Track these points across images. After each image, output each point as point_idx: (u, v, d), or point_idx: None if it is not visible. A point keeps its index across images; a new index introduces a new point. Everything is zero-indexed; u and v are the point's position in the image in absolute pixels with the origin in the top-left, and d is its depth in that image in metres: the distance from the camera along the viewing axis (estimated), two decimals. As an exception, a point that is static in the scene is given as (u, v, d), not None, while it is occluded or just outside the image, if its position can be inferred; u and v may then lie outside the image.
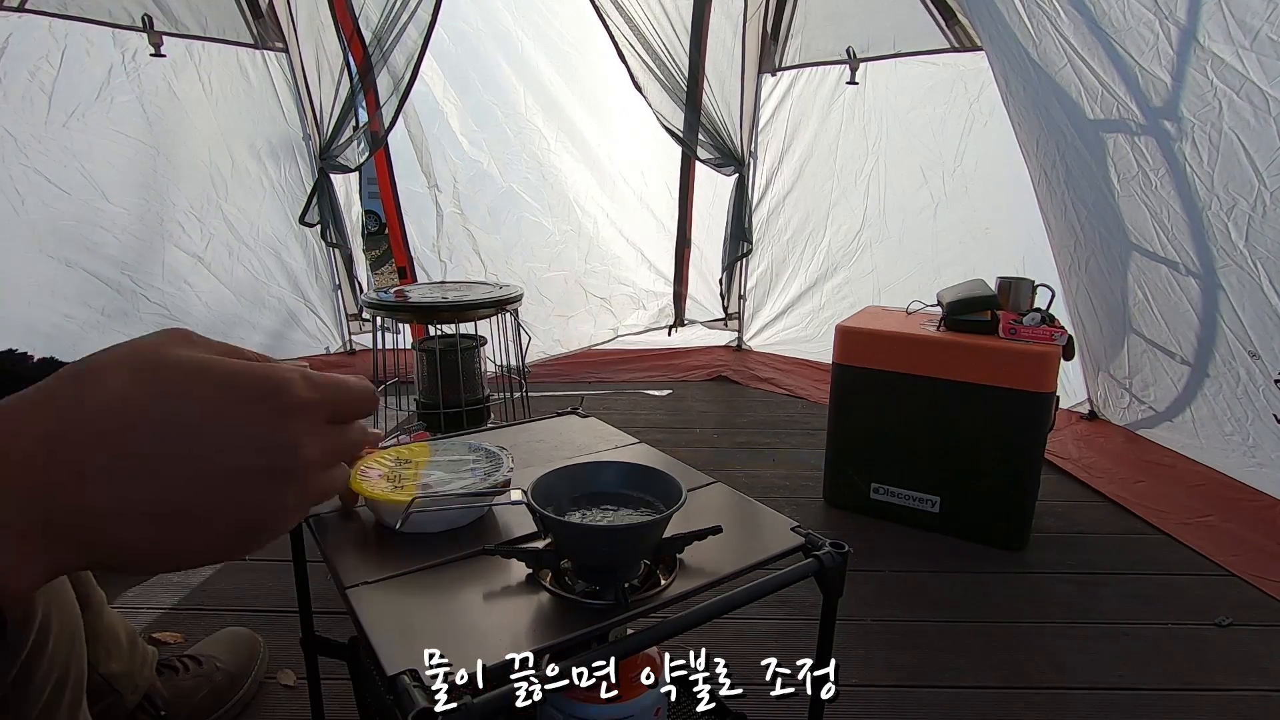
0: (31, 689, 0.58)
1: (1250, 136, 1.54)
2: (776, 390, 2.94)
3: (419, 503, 0.69)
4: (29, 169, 2.36)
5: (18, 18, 2.27)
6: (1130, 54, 1.66)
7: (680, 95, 2.95)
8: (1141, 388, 2.20)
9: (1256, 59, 1.46)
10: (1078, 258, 2.20)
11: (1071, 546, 1.74)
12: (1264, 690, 1.26)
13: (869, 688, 1.24)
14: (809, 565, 0.68)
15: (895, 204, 2.89)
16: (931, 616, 1.46)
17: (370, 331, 3.08)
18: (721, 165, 3.07)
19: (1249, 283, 1.68)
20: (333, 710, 1.09)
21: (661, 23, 2.86)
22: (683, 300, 3.47)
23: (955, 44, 2.58)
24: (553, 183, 3.23)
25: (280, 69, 2.89)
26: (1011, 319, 1.70)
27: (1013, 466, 1.69)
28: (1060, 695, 1.24)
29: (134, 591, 1.49)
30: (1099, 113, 1.83)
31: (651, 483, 0.69)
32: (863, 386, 1.83)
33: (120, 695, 1.01)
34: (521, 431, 1.06)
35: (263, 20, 2.79)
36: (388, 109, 2.81)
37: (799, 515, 0.90)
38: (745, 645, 1.34)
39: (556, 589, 0.63)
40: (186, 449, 0.30)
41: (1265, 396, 1.76)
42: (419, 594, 0.63)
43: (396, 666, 0.51)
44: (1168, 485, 2.00)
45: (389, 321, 2.01)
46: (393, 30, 2.71)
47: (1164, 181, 1.77)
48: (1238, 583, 1.59)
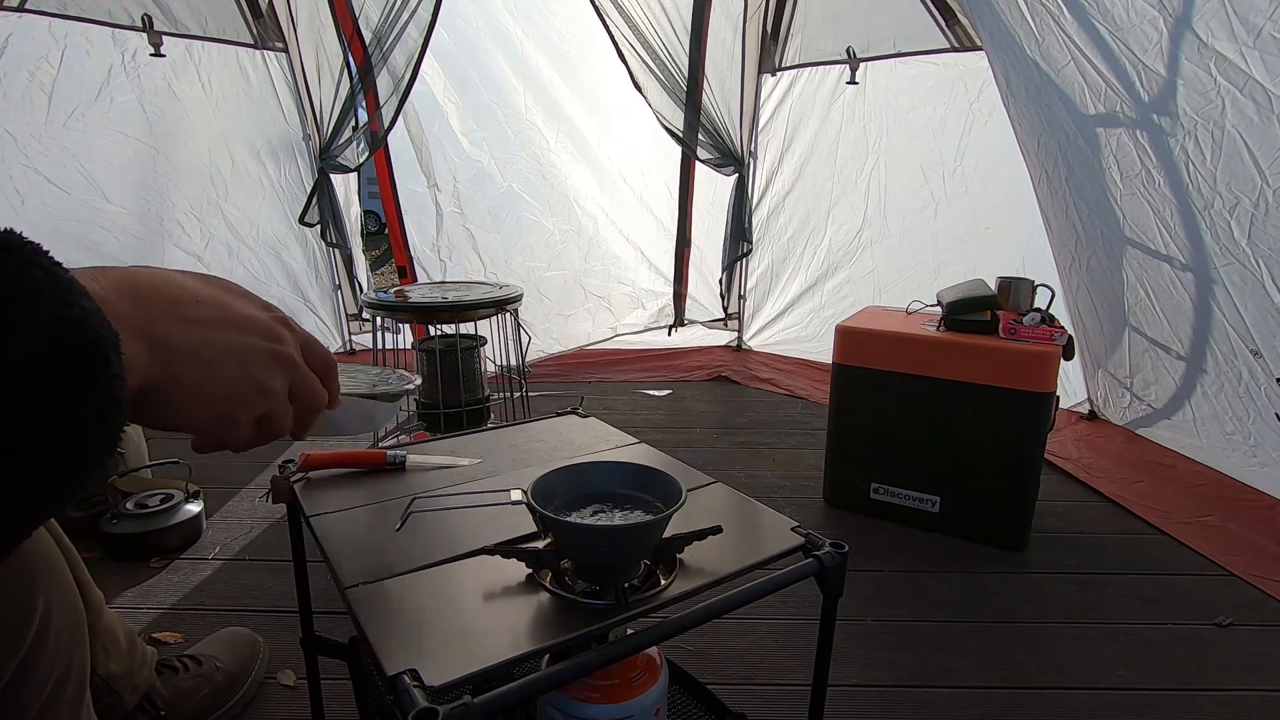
0: (32, 685, 0.58)
1: (1253, 134, 1.54)
2: (776, 390, 2.94)
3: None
4: (29, 169, 2.36)
5: (18, 18, 2.27)
6: (1133, 52, 1.66)
7: (680, 95, 2.95)
8: (1142, 387, 2.20)
9: (1260, 57, 1.45)
10: (1078, 256, 2.20)
11: (1071, 546, 1.74)
12: (1264, 690, 1.26)
13: (869, 688, 1.24)
14: (809, 565, 0.68)
15: (895, 204, 2.89)
16: (931, 616, 1.46)
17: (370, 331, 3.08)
18: (721, 165, 3.07)
19: (1251, 281, 1.68)
20: (333, 710, 1.09)
21: (661, 23, 2.86)
22: (683, 300, 3.47)
23: (955, 44, 2.58)
24: (553, 182, 3.23)
25: (280, 69, 2.89)
26: (1011, 319, 1.70)
27: (1013, 466, 1.69)
28: (1060, 695, 1.24)
29: (134, 591, 1.49)
30: (1101, 110, 1.83)
31: (651, 483, 0.69)
32: (863, 386, 1.83)
33: (119, 696, 1.01)
34: (521, 431, 1.06)
35: (263, 20, 2.79)
36: (388, 109, 2.81)
37: (799, 515, 0.90)
38: (745, 645, 1.34)
39: (556, 589, 0.63)
40: (227, 320, 0.44)
41: (1267, 395, 1.76)
42: (419, 594, 0.63)
43: (396, 666, 0.51)
44: (1168, 485, 2.00)
45: (389, 321, 2.01)
46: (393, 30, 2.71)
47: (1166, 179, 1.77)
48: (1238, 583, 1.59)
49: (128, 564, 1.58)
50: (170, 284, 0.42)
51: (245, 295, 0.47)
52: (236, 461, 2.14)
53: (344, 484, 0.86)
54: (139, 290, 0.39)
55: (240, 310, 0.45)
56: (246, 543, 1.69)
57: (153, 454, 1.94)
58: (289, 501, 0.84)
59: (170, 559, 1.61)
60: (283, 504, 0.85)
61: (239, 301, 0.46)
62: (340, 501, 0.81)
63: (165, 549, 1.63)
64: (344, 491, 0.84)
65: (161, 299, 0.40)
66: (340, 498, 0.82)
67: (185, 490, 1.73)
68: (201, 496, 1.76)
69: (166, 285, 0.41)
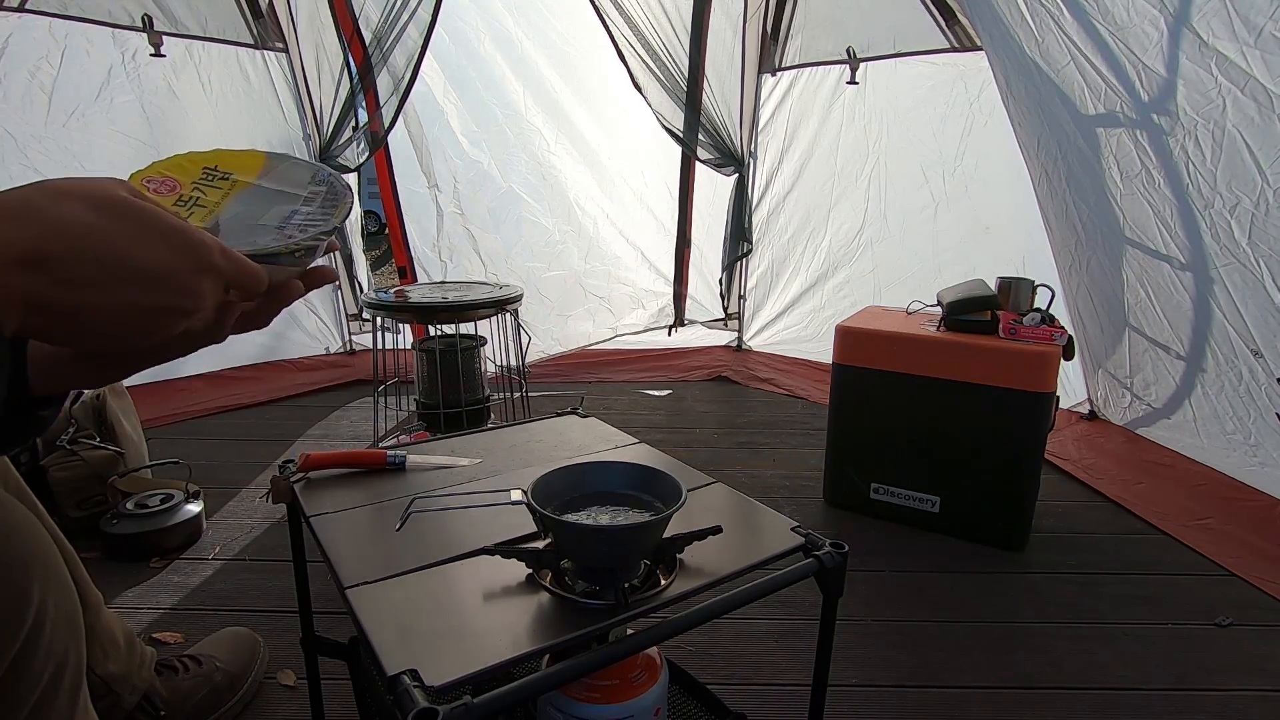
0: (28, 678, 0.57)
1: (1254, 134, 1.54)
2: (776, 390, 2.94)
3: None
4: (29, 169, 2.36)
5: (17, 18, 2.27)
6: (1133, 51, 1.66)
7: (680, 95, 2.95)
8: (1143, 386, 2.20)
9: (1260, 56, 1.45)
10: (1078, 257, 2.20)
11: (1071, 546, 1.74)
12: (1264, 690, 1.26)
13: (869, 688, 1.24)
14: (809, 565, 0.68)
15: (895, 204, 2.89)
16: (931, 616, 1.46)
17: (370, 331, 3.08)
18: (721, 165, 3.07)
19: (1252, 281, 1.68)
20: (333, 710, 1.09)
21: (661, 23, 2.86)
22: (683, 300, 3.47)
23: (955, 44, 2.58)
24: (552, 183, 3.23)
25: (280, 69, 2.89)
26: (1011, 319, 1.70)
27: (1013, 466, 1.68)
28: (1060, 695, 1.24)
29: (134, 591, 1.49)
30: (1101, 110, 1.83)
31: (651, 483, 0.69)
32: (863, 386, 1.83)
33: (119, 696, 1.01)
34: (521, 431, 1.06)
35: (263, 20, 2.80)
36: (388, 109, 2.81)
37: (799, 515, 0.90)
38: (745, 645, 1.34)
39: (556, 589, 0.63)
40: (122, 276, 0.39)
41: (1267, 395, 1.76)
42: (419, 594, 0.63)
43: (396, 666, 0.51)
44: (1168, 485, 2.00)
45: (389, 321, 2.01)
46: (393, 30, 2.71)
47: (1166, 179, 1.77)
48: (1238, 583, 1.59)
49: (128, 564, 1.58)
50: (49, 230, 0.37)
51: (150, 225, 0.40)
52: (236, 461, 2.15)
53: (344, 484, 0.86)
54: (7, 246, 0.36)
55: (135, 262, 0.39)
56: (246, 543, 1.69)
57: (153, 454, 1.94)
58: (289, 501, 0.84)
59: (170, 559, 1.61)
60: (283, 504, 0.85)
61: (136, 246, 0.39)
62: (340, 501, 0.81)
63: (165, 549, 1.63)
64: (344, 491, 0.84)
65: (34, 255, 0.36)
66: (340, 498, 0.82)
67: (185, 490, 1.73)
68: (201, 496, 1.76)
69: (44, 236, 0.36)
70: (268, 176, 0.58)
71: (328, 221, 0.54)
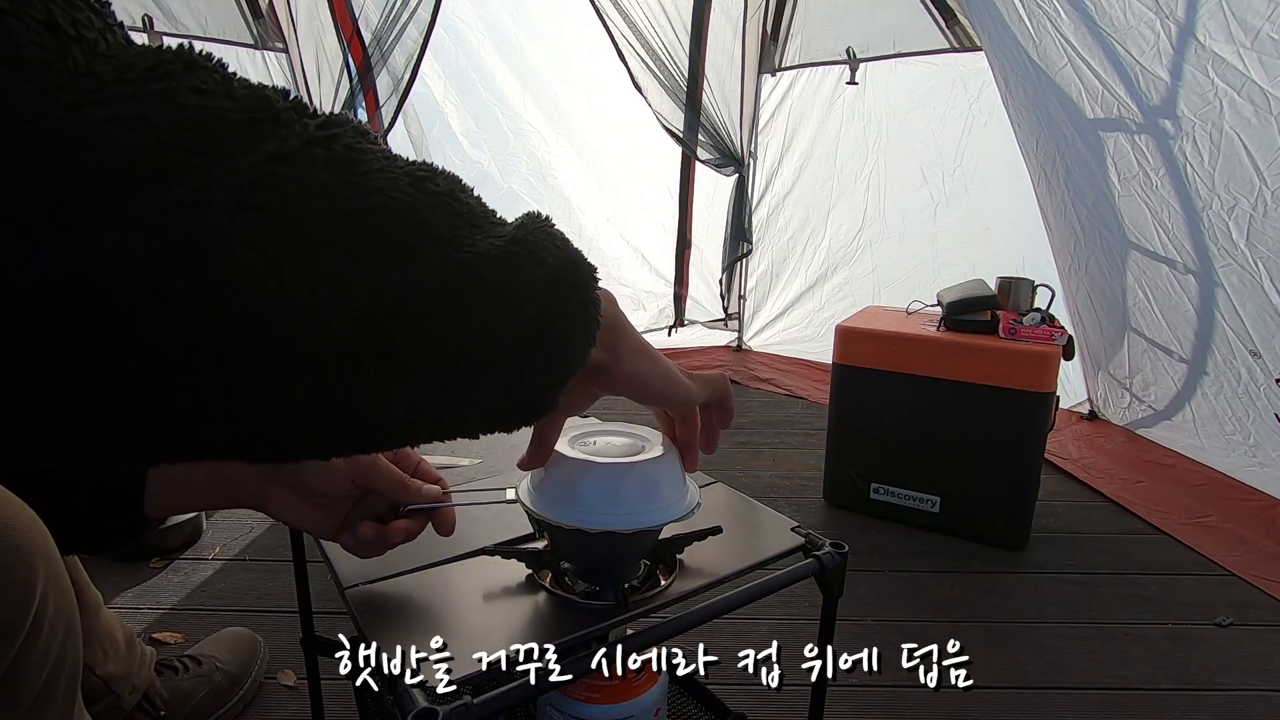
0: (28, 672, 0.57)
1: (1251, 136, 1.54)
2: (776, 390, 2.94)
3: None
4: (29, 169, 2.36)
5: (17, 18, 2.27)
6: (1130, 53, 1.66)
7: (680, 95, 2.95)
8: (1142, 387, 2.20)
9: (1258, 58, 1.46)
10: (1078, 258, 2.20)
11: (1071, 546, 1.74)
12: (1264, 690, 1.26)
13: (869, 688, 1.24)
14: (809, 565, 0.68)
15: (895, 204, 2.89)
16: (931, 616, 1.46)
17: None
18: (721, 165, 3.07)
19: (1250, 282, 1.68)
20: (333, 710, 1.09)
21: (661, 23, 2.86)
22: (683, 301, 3.47)
23: (955, 44, 2.58)
24: (552, 184, 3.23)
25: (280, 69, 2.89)
26: (1011, 319, 1.70)
27: (1013, 466, 1.68)
28: (1060, 695, 1.24)
29: (134, 591, 1.49)
30: (1099, 112, 1.83)
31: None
32: (863, 386, 1.83)
33: (118, 696, 1.01)
34: (521, 431, 1.06)
35: (263, 20, 2.79)
36: (388, 109, 2.81)
37: (799, 515, 0.90)
38: (745, 645, 1.33)
39: (556, 589, 0.63)
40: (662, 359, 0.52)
41: (1266, 396, 1.76)
42: (419, 594, 0.63)
43: (396, 667, 0.51)
44: (1168, 485, 2.00)
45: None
46: (393, 30, 2.71)
47: (1164, 181, 1.77)
48: (1238, 583, 1.59)
49: (128, 564, 1.58)
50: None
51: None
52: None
53: (344, 484, 0.86)
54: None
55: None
56: (246, 543, 1.69)
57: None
58: (289, 502, 0.84)
59: (170, 559, 1.61)
60: (283, 504, 0.84)
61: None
62: (340, 502, 0.81)
63: (165, 549, 1.63)
64: (344, 492, 0.84)
65: (621, 325, 0.46)
66: (340, 498, 0.82)
67: (185, 490, 1.72)
68: (201, 497, 1.75)
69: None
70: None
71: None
